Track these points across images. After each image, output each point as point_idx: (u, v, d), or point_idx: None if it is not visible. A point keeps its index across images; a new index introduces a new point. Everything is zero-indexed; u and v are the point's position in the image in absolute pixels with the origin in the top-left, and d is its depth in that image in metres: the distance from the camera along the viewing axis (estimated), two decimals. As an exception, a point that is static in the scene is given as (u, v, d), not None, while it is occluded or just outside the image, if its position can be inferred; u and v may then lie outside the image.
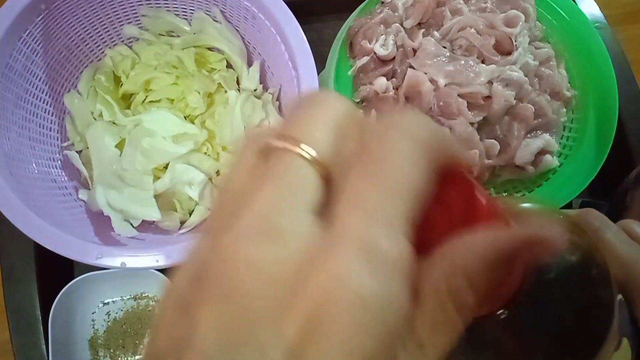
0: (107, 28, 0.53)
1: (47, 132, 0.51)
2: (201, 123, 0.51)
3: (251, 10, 0.49)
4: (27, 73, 0.48)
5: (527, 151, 0.48)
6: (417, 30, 0.51)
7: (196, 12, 0.53)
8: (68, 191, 0.50)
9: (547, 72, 0.50)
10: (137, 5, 0.52)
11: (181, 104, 0.52)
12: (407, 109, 0.49)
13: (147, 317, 0.52)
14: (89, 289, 0.50)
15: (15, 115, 0.47)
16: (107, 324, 0.52)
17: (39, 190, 0.47)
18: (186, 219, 0.51)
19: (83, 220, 0.48)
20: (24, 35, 0.46)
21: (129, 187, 0.49)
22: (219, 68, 0.54)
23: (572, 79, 0.52)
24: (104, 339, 0.51)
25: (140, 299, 0.52)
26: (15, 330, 0.50)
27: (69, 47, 0.51)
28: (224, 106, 0.51)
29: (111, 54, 0.54)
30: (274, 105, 0.52)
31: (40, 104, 0.50)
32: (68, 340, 0.50)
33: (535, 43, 0.52)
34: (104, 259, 0.41)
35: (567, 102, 0.52)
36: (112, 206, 0.48)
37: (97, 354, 0.51)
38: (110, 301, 0.52)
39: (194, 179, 0.49)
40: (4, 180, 0.42)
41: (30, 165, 0.48)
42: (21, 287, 0.50)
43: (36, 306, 0.50)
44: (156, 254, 0.41)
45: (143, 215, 0.48)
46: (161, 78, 0.52)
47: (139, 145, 0.49)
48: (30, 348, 0.49)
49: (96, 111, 0.52)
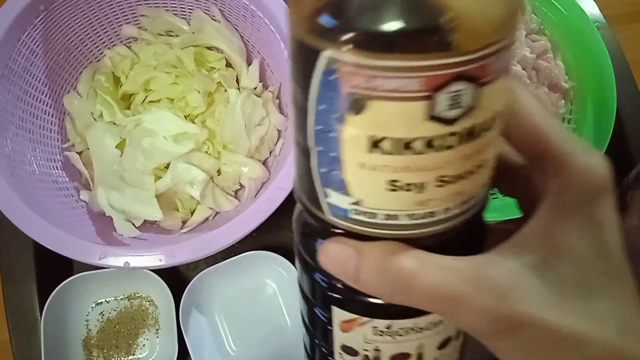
0: (105, 29, 0.53)
1: (48, 133, 0.51)
2: (202, 122, 0.51)
3: (250, 8, 0.49)
4: (27, 74, 0.48)
5: (526, 144, 0.49)
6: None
7: (195, 11, 0.53)
8: (69, 192, 0.50)
9: (544, 65, 0.51)
10: (136, 5, 0.52)
11: (181, 103, 0.52)
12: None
13: (140, 317, 0.52)
14: (82, 289, 0.50)
15: (15, 117, 0.47)
16: (100, 324, 0.52)
17: (40, 192, 0.46)
18: (188, 218, 0.51)
19: (85, 220, 0.48)
20: (22, 36, 0.46)
21: (130, 187, 0.49)
22: (219, 67, 0.54)
23: (569, 70, 0.53)
24: (98, 339, 0.51)
25: (133, 299, 0.52)
26: (14, 330, 0.50)
27: (68, 48, 0.51)
28: (225, 105, 0.51)
29: (110, 54, 0.54)
30: (274, 103, 0.52)
31: (40, 105, 0.50)
32: (61, 341, 0.50)
33: (531, 36, 0.52)
34: (107, 259, 0.41)
35: (565, 93, 0.52)
36: (113, 206, 0.48)
37: (90, 354, 0.51)
38: (103, 301, 0.52)
39: (195, 179, 0.49)
40: (5, 182, 0.42)
41: (31, 167, 0.48)
42: (20, 287, 0.50)
43: (35, 306, 0.50)
44: (159, 253, 0.41)
45: (145, 215, 0.49)
46: (161, 78, 0.52)
47: (140, 145, 0.49)
48: (30, 348, 0.49)
49: (96, 112, 0.52)
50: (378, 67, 0.14)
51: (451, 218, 0.17)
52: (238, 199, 0.52)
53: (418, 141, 0.15)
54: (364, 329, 0.20)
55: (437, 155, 0.16)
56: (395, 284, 0.17)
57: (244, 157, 0.51)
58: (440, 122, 0.15)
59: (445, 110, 0.15)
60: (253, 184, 0.51)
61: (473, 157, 0.16)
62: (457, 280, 0.16)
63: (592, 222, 0.17)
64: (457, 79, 0.15)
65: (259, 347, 0.51)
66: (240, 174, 0.51)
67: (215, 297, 0.52)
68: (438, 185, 0.16)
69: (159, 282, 0.49)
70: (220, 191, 0.51)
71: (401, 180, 0.16)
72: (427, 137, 0.15)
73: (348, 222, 0.18)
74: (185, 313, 0.48)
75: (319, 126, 0.17)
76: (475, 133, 0.16)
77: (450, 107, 0.15)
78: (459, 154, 0.16)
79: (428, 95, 0.15)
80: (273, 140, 0.52)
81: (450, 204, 0.17)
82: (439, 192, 0.16)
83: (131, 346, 0.51)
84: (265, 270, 0.52)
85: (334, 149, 0.16)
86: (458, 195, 0.17)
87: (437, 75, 0.14)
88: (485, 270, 0.16)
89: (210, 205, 0.50)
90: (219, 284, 0.51)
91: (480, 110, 0.16)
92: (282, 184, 0.42)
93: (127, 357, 0.51)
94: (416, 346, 0.20)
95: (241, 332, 0.51)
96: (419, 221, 0.17)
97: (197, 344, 0.48)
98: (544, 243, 0.17)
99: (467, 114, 0.15)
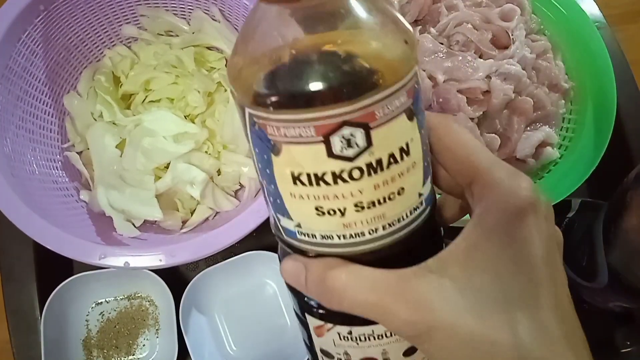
0: (105, 29, 0.53)
1: (48, 133, 0.51)
2: (202, 122, 0.51)
3: (250, 8, 0.49)
4: (27, 74, 0.48)
5: (527, 144, 0.49)
6: (414, 28, 0.51)
7: (195, 11, 0.53)
8: (69, 192, 0.50)
9: (544, 65, 0.51)
10: (136, 5, 0.52)
11: (181, 103, 0.52)
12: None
13: (140, 317, 0.52)
14: (82, 289, 0.50)
15: (15, 117, 0.47)
16: (100, 324, 0.52)
17: (40, 192, 0.46)
18: (188, 218, 0.51)
19: (85, 220, 0.48)
20: (22, 36, 0.46)
21: (130, 187, 0.49)
22: (219, 67, 0.54)
23: (569, 70, 0.53)
24: (98, 339, 0.51)
25: (133, 299, 0.52)
26: (14, 330, 0.50)
27: (68, 48, 0.51)
28: (224, 105, 0.51)
29: (110, 54, 0.54)
30: (274, 103, 0.52)
31: (40, 105, 0.50)
32: (61, 341, 0.50)
33: (531, 36, 0.52)
34: (107, 259, 0.41)
35: (565, 93, 0.52)
36: (113, 206, 0.48)
37: (90, 354, 0.51)
38: (103, 301, 0.52)
39: (195, 178, 0.49)
40: (5, 182, 0.42)
41: (31, 167, 0.47)
42: (20, 287, 0.50)
43: (35, 306, 0.50)
44: (159, 253, 0.41)
45: (145, 215, 0.48)
46: (161, 78, 0.52)
47: (140, 145, 0.49)
48: (30, 348, 0.49)
49: (96, 112, 0.52)
50: (279, 120, 0.17)
51: (381, 238, 0.19)
52: (238, 199, 0.52)
53: (328, 175, 0.18)
54: (332, 334, 0.22)
55: (348, 185, 0.18)
56: (331, 294, 0.20)
57: (244, 157, 0.51)
58: (342, 159, 0.18)
59: (342, 150, 0.17)
60: (253, 184, 0.51)
61: (387, 186, 0.18)
62: (382, 291, 0.19)
63: (514, 239, 0.19)
64: (345, 125, 0.17)
65: (259, 347, 0.51)
66: (240, 174, 0.51)
67: (215, 297, 0.52)
68: (357, 210, 0.19)
69: (159, 282, 0.49)
70: (220, 191, 0.51)
71: (324, 207, 0.19)
72: (334, 171, 0.18)
73: (297, 241, 0.20)
74: (185, 313, 0.48)
75: (259, 164, 0.20)
76: (380, 166, 0.18)
77: (347, 147, 0.17)
78: (369, 183, 0.18)
79: (324, 140, 0.17)
80: (273, 140, 0.52)
81: (375, 226, 0.19)
82: (360, 216, 0.19)
83: (131, 346, 0.51)
84: (265, 270, 0.52)
85: (273, 182, 0.19)
86: (381, 218, 0.19)
87: (327, 124, 0.17)
88: (408, 282, 0.19)
89: (210, 205, 0.50)
90: (219, 284, 0.51)
91: (379, 147, 0.18)
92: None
93: (127, 357, 0.51)
94: (381, 352, 0.22)
95: (241, 332, 0.51)
96: (349, 240, 0.19)
97: (197, 344, 0.48)
98: (467, 259, 0.19)
99: (365, 151, 0.18)
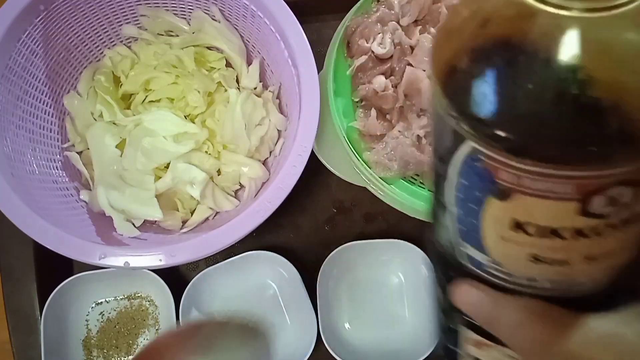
0: (105, 28, 0.53)
1: (48, 133, 0.51)
2: (202, 122, 0.51)
3: (250, 8, 0.49)
4: (27, 74, 0.48)
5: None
6: (414, 28, 0.51)
7: (195, 11, 0.53)
8: (69, 192, 0.50)
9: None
10: (136, 5, 0.52)
11: (181, 103, 0.52)
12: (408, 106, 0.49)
13: (140, 317, 0.52)
14: (82, 289, 0.50)
15: (15, 117, 0.47)
16: (100, 324, 0.52)
17: (40, 192, 0.47)
18: (188, 218, 0.51)
19: (85, 220, 0.48)
20: (22, 36, 0.46)
21: (130, 187, 0.49)
22: (219, 67, 0.54)
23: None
24: (98, 339, 0.51)
25: (133, 299, 0.52)
26: (14, 330, 0.50)
27: (68, 48, 0.51)
28: (225, 105, 0.52)
29: (110, 54, 0.54)
30: (274, 103, 0.52)
31: (40, 105, 0.50)
32: (61, 341, 0.50)
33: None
34: (107, 258, 0.41)
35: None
36: (113, 206, 0.48)
37: (90, 354, 0.51)
38: (103, 301, 0.52)
39: (195, 178, 0.49)
40: (5, 182, 0.42)
41: (31, 167, 0.48)
42: (20, 287, 0.50)
43: (35, 306, 0.50)
44: (159, 253, 0.42)
45: (145, 215, 0.49)
46: (161, 78, 0.52)
47: (140, 145, 0.49)
48: (30, 348, 0.49)
49: (96, 112, 0.52)
50: (522, 170, 0.14)
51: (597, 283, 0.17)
52: (238, 199, 0.52)
53: (566, 231, 0.15)
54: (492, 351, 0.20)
55: (588, 240, 0.15)
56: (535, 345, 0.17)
57: (244, 157, 0.51)
58: (594, 217, 0.15)
59: (601, 208, 0.14)
60: (253, 184, 0.51)
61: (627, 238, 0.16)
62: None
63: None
64: (616, 185, 0.14)
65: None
66: (240, 174, 0.51)
67: (215, 297, 0.52)
68: (587, 262, 0.16)
69: (159, 282, 0.49)
70: (220, 191, 0.51)
71: (544, 256, 0.16)
72: (577, 227, 0.15)
73: (483, 272, 0.17)
74: (185, 313, 0.48)
75: (460, 194, 0.16)
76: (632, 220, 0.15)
77: (607, 206, 0.14)
78: (612, 237, 0.15)
79: (582, 198, 0.14)
80: (273, 140, 0.52)
81: (596, 275, 0.17)
82: (585, 266, 0.16)
83: (131, 346, 0.51)
84: (265, 270, 0.52)
85: (474, 217, 0.16)
86: (606, 268, 0.16)
87: (594, 183, 0.14)
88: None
89: (210, 205, 0.50)
90: (219, 284, 0.51)
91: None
92: (282, 183, 0.43)
93: (127, 357, 0.51)
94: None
95: (241, 332, 0.51)
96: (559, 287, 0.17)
97: (197, 343, 0.48)
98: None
99: (626, 207, 0.15)
